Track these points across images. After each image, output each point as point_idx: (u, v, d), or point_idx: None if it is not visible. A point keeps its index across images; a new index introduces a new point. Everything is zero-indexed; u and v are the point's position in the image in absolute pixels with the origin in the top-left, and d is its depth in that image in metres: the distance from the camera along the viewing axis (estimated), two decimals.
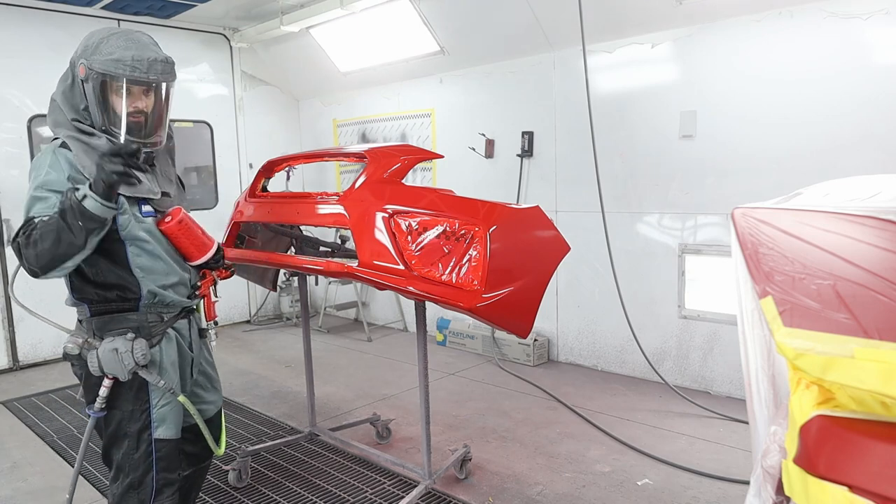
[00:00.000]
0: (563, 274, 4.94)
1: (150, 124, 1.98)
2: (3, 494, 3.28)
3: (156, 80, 1.92)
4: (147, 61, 1.90)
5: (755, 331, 1.50)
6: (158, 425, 2.03)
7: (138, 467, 2.01)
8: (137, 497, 2.01)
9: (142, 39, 1.96)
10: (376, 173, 2.82)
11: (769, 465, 1.41)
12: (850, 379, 1.13)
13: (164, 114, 2.02)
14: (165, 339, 2.06)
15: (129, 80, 1.89)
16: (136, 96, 1.93)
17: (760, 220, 1.47)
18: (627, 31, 4.45)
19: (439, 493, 3.12)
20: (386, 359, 5.53)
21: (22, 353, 5.54)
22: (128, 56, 1.88)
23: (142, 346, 1.92)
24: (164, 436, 2.04)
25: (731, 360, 4.21)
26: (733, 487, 3.10)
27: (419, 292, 2.50)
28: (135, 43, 1.92)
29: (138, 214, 1.98)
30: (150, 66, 1.90)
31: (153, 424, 2.02)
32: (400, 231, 2.57)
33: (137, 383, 1.98)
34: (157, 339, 2.03)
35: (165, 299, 2.04)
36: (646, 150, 4.51)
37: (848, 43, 3.60)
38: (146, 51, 1.92)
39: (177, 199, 2.16)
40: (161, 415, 2.03)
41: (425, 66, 5.76)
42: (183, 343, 2.14)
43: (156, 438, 2.02)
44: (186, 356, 2.17)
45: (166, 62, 1.95)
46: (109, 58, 1.88)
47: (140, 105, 1.94)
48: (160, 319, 2.05)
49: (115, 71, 1.87)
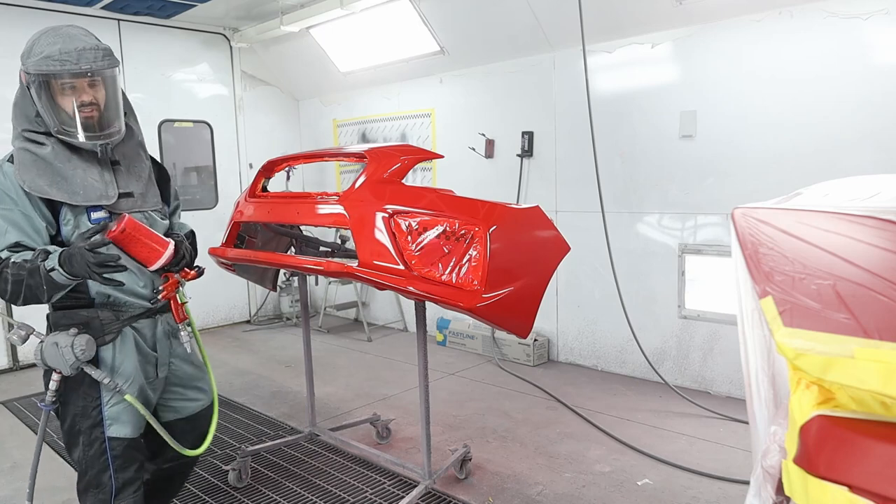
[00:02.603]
0: (563, 274, 4.94)
1: (101, 117, 1.93)
2: (3, 494, 3.28)
3: (89, 69, 1.85)
4: (75, 52, 1.84)
5: (755, 331, 1.50)
6: (112, 423, 1.99)
7: (93, 465, 1.99)
8: (97, 497, 1.99)
9: (70, 32, 1.91)
10: (376, 173, 2.82)
11: (769, 465, 1.41)
12: (850, 379, 1.13)
13: (113, 103, 1.96)
14: (121, 337, 2.02)
15: (60, 74, 1.83)
16: (79, 90, 1.88)
17: (760, 220, 1.46)
18: (627, 31, 4.45)
19: (439, 493, 3.12)
20: (386, 359, 5.53)
21: (22, 353, 5.54)
22: (55, 51, 1.84)
23: (83, 341, 1.88)
24: (118, 434, 2.00)
25: (731, 360, 4.21)
26: (733, 487, 3.10)
27: (419, 292, 2.50)
28: (62, 36, 1.87)
29: (87, 222, 1.94)
30: (80, 56, 1.84)
31: (105, 422, 1.99)
32: (400, 231, 2.57)
33: (88, 379, 1.96)
34: (110, 336, 1.99)
35: (119, 300, 2.02)
36: (646, 150, 4.51)
37: (848, 43, 3.60)
38: (73, 42, 1.86)
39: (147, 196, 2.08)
40: (114, 413, 2.00)
41: (425, 66, 5.76)
42: (143, 342, 2.09)
43: (109, 437, 1.99)
44: (148, 355, 2.11)
45: (97, 49, 1.89)
46: (40, 57, 1.84)
47: (85, 98, 1.88)
48: (115, 318, 2.01)
49: (47, 68, 1.83)
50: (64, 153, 1.91)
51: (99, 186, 1.94)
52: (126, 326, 2.04)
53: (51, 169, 1.88)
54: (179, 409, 2.25)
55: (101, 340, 1.97)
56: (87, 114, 1.89)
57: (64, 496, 3.22)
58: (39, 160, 1.88)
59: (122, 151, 2.05)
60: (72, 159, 1.92)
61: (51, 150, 1.89)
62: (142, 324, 2.09)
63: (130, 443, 2.04)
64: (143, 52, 6.10)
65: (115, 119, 1.97)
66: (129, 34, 6.01)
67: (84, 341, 1.88)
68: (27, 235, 1.87)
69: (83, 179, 1.91)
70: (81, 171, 1.92)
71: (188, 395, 2.28)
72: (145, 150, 2.18)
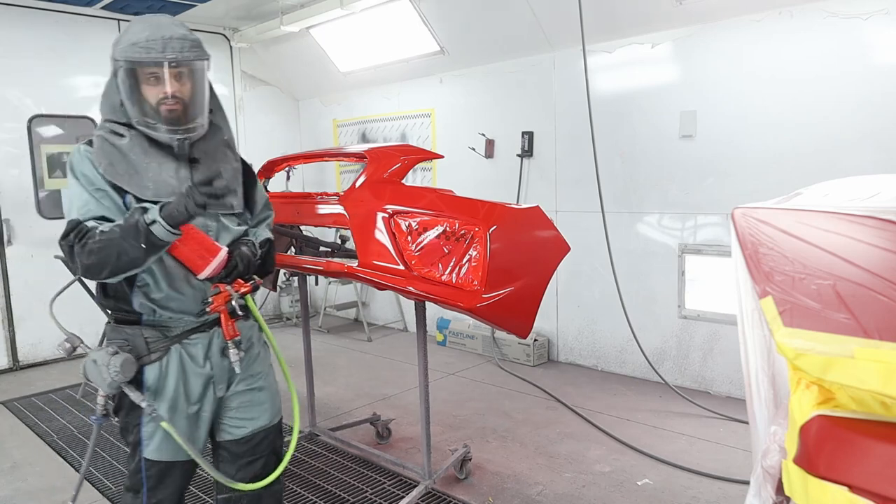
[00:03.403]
0: (563, 274, 4.94)
1: (184, 111, 1.83)
2: (3, 494, 3.27)
3: (174, 59, 1.77)
4: (162, 40, 1.75)
5: (755, 331, 1.50)
6: (148, 443, 1.90)
7: (133, 477, 1.94)
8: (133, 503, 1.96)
9: (160, 21, 1.83)
10: (376, 173, 2.83)
11: (769, 465, 1.41)
12: (850, 379, 1.13)
13: (198, 98, 1.86)
14: (167, 357, 1.89)
15: (144, 62, 1.76)
16: (163, 81, 1.79)
17: (760, 220, 1.46)
18: (627, 31, 4.45)
19: (439, 493, 3.12)
20: (386, 359, 5.53)
21: (22, 353, 5.53)
22: (143, 38, 1.75)
23: (119, 361, 1.76)
24: (153, 457, 1.90)
25: (731, 360, 4.20)
26: (733, 487, 3.10)
27: (419, 292, 2.50)
28: (152, 25, 1.80)
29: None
30: (167, 45, 1.76)
31: (143, 442, 1.90)
32: (400, 231, 2.57)
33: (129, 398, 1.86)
34: (155, 355, 1.87)
35: (163, 316, 1.89)
36: (646, 150, 4.51)
37: (848, 43, 3.60)
38: (161, 30, 1.78)
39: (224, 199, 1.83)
40: (149, 433, 1.90)
41: (425, 66, 5.76)
42: (192, 362, 1.92)
43: (144, 457, 1.91)
44: (199, 375, 1.93)
45: (184, 39, 1.80)
46: (127, 44, 1.78)
47: (169, 90, 1.79)
48: (161, 336, 1.88)
49: (132, 55, 1.76)
50: (141, 146, 1.84)
51: (172, 182, 1.84)
52: (174, 345, 1.89)
53: (126, 160, 1.81)
54: (232, 430, 2.05)
55: (147, 359, 1.86)
56: (170, 106, 1.80)
57: (64, 496, 3.22)
58: (115, 150, 1.81)
59: (204, 149, 1.94)
60: (148, 153, 1.84)
61: (128, 142, 1.82)
62: (193, 340, 1.92)
63: (166, 466, 1.92)
64: None
65: (198, 114, 1.87)
66: None
67: (120, 361, 1.77)
68: (109, 211, 1.80)
69: (156, 174, 1.83)
70: (156, 165, 1.84)
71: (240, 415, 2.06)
72: (234, 150, 2.06)
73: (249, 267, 1.92)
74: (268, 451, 2.12)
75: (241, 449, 2.07)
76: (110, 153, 1.81)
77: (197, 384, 1.93)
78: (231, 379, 2.01)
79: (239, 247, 1.92)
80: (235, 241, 1.97)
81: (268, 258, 2.07)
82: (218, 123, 2.01)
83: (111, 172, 1.80)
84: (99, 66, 5.87)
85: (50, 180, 5.64)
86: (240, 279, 1.90)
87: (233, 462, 2.05)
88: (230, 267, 1.86)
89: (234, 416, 2.05)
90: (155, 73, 1.79)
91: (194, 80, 1.85)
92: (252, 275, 1.96)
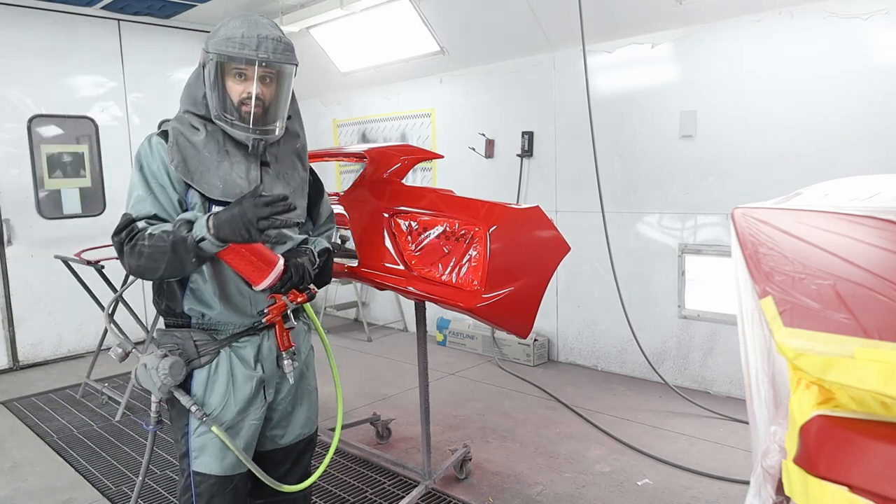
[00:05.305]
0: (563, 274, 4.94)
1: (263, 113, 1.82)
2: (3, 494, 3.27)
3: (265, 59, 1.77)
4: (257, 38, 1.76)
5: (755, 331, 1.50)
6: (197, 455, 1.85)
7: (182, 496, 1.90)
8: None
9: (258, 20, 1.83)
10: (376, 173, 2.83)
11: (769, 465, 1.40)
12: (850, 379, 1.13)
13: (280, 102, 1.86)
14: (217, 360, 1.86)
15: (236, 57, 1.76)
16: (249, 81, 1.79)
17: (760, 220, 1.46)
18: (627, 31, 4.45)
19: (439, 493, 3.12)
20: (386, 359, 5.53)
21: (22, 353, 5.53)
22: (238, 34, 1.76)
23: (167, 365, 1.75)
24: (203, 469, 1.85)
25: (731, 360, 4.21)
26: (733, 487, 3.10)
27: (419, 292, 2.50)
28: (249, 23, 1.80)
29: None
30: (261, 44, 1.76)
31: (192, 453, 1.85)
32: (400, 231, 2.58)
33: (179, 404, 1.83)
34: (205, 359, 1.84)
35: (213, 321, 1.86)
36: (646, 150, 4.51)
37: (848, 43, 3.60)
38: (258, 28, 1.78)
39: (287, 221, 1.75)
40: (200, 443, 1.84)
41: (425, 66, 5.76)
42: (242, 364, 1.89)
43: (194, 471, 1.85)
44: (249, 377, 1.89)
45: (279, 41, 1.80)
46: (222, 38, 1.78)
47: (253, 90, 1.79)
48: (211, 339, 1.86)
49: (225, 49, 1.76)
50: (216, 143, 1.83)
51: (241, 183, 1.83)
52: (224, 347, 1.87)
53: (198, 156, 1.80)
54: (271, 439, 2.03)
55: (196, 363, 1.84)
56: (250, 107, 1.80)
57: (64, 496, 3.22)
58: (190, 146, 1.80)
59: (276, 153, 1.93)
60: (221, 151, 1.83)
61: (203, 138, 1.81)
62: (242, 343, 1.89)
63: (218, 481, 1.86)
64: (143, 52, 6.10)
65: (276, 118, 1.86)
66: (129, 34, 6.01)
67: (168, 365, 1.75)
68: (163, 209, 1.78)
69: (227, 173, 1.82)
70: (228, 164, 1.83)
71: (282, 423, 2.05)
72: (305, 159, 2.05)
73: (305, 277, 1.88)
74: (308, 459, 2.13)
75: (284, 457, 2.06)
76: (185, 148, 1.80)
77: (246, 388, 1.90)
78: (281, 386, 2.00)
79: (296, 257, 1.88)
80: (292, 250, 1.94)
81: (325, 268, 2.05)
82: (295, 130, 2.01)
83: (182, 169, 1.78)
84: (99, 65, 5.88)
85: (50, 180, 5.65)
86: (295, 289, 1.87)
87: (273, 470, 2.02)
88: (286, 278, 1.82)
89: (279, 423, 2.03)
90: (244, 71, 1.79)
91: (279, 84, 1.84)
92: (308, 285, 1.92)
